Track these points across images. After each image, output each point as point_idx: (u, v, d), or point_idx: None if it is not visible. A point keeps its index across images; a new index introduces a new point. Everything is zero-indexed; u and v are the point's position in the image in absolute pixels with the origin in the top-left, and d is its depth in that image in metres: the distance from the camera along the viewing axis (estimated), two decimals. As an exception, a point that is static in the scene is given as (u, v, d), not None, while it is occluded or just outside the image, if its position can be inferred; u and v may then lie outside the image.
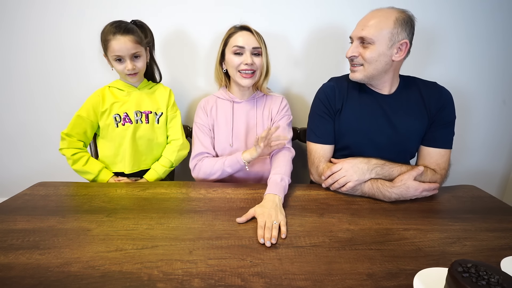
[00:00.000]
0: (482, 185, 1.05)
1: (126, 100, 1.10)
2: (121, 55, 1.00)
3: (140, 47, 1.03)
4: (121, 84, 1.11)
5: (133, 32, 1.01)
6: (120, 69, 1.04)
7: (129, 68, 1.02)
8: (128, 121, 1.09)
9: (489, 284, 0.45)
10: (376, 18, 0.88)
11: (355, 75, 0.95)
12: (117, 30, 0.98)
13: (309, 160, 1.05)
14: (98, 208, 0.84)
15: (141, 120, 1.11)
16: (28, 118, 1.43)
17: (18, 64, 1.35)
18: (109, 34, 0.99)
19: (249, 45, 1.03)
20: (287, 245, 0.68)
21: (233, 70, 1.06)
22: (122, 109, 1.08)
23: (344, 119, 1.00)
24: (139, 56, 1.04)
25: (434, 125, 0.96)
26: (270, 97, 1.17)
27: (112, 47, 0.99)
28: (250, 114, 1.14)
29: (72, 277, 0.57)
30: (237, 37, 1.04)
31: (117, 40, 0.98)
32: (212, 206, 0.85)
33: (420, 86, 0.98)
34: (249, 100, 1.15)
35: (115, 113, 1.08)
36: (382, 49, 0.88)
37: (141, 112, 1.11)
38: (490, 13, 1.31)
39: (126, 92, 1.10)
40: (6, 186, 1.51)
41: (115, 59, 1.02)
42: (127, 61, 1.02)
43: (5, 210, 0.82)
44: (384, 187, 0.89)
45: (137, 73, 1.06)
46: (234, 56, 1.04)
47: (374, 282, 0.57)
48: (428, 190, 0.90)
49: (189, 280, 0.57)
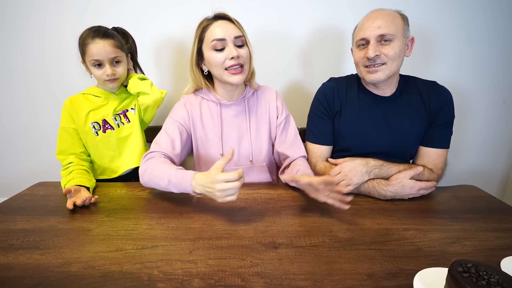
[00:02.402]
0: (482, 185, 1.05)
1: (103, 106, 1.05)
2: (100, 60, 0.96)
3: (120, 52, 1.00)
4: (97, 91, 1.06)
5: (113, 37, 0.98)
6: (98, 75, 0.99)
7: (108, 73, 0.97)
8: (109, 128, 1.05)
9: (489, 284, 0.45)
10: (386, 15, 0.89)
11: (377, 75, 0.90)
12: (96, 34, 0.95)
13: (308, 160, 1.05)
14: (98, 208, 0.84)
15: (122, 122, 1.07)
16: (28, 118, 1.43)
17: (19, 64, 1.35)
18: (87, 38, 0.95)
19: (230, 35, 0.87)
20: (287, 245, 0.68)
21: (219, 69, 0.90)
22: (100, 116, 1.03)
23: (343, 121, 1.00)
24: (119, 62, 1.00)
25: (433, 125, 0.96)
26: (261, 92, 1.04)
27: (90, 51, 0.95)
28: (242, 117, 1.00)
29: (72, 277, 0.57)
30: (213, 29, 0.88)
31: (96, 43, 0.94)
32: (212, 206, 0.85)
33: (419, 86, 0.98)
34: (239, 101, 1.00)
35: (92, 122, 1.02)
36: (401, 45, 0.89)
37: (118, 114, 1.07)
38: (490, 13, 1.31)
39: (103, 98, 1.05)
40: (6, 186, 1.51)
41: (94, 64, 0.97)
42: (106, 66, 0.97)
43: (5, 210, 0.82)
44: (380, 185, 0.89)
45: (117, 79, 1.01)
46: (216, 52, 0.89)
47: (374, 282, 0.57)
48: (425, 188, 0.90)
49: (189, 280, 0.57)
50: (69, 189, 0.84)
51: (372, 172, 0.91)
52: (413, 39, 0.92)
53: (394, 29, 0.87)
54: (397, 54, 0.89)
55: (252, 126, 1.01)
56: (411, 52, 0.94)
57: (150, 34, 1.30)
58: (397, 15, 0.90)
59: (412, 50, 0.94)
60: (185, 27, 1.27)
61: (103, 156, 1.07)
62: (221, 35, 0.87)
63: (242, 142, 1.01)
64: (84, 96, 1.05)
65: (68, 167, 0.97)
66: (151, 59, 1.34)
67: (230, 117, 0.99)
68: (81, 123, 1.01)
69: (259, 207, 0.85)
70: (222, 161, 0.72)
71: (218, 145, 0.99)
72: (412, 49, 0.93)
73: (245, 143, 1.01)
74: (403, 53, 0.91)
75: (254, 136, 1.01)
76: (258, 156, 1.03)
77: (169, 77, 1.38)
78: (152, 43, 1.32)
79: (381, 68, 0.90)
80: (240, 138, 1.00)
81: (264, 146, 1.03)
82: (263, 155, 1.03)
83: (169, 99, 1.26)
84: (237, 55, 0.87)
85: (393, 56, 0.89)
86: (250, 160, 1.02)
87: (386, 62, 0.90)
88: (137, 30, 1.15)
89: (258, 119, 1.02)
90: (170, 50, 1.33)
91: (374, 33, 0.88)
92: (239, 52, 0.88)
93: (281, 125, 1.03)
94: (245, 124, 1.01)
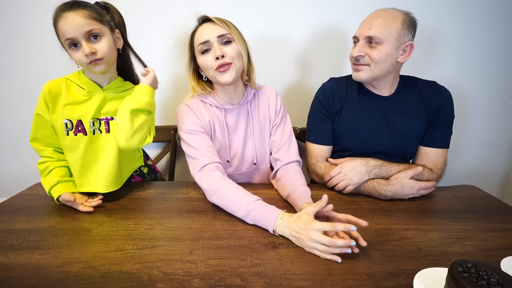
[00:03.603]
0: (482, 185, 1.05)
1: (83, 102, 0.85)
2: (73, 37, 0.76)
3: (97, 24, 0.78)
4: (82, 81, 0.86)
5: (85, 6, 0.78)
6: (78, 58, 0.79)
7: (86, 51, 0.76)
8: (81, 131, 0.84)
9: (489, 284, 0.45)
10: (383, 17, 0.87)
11: (359, 74, 0.92)
12: (65, 7, 0.76)
13: (307, 160, 1.06)
14: (98, 208, 0.84)
15: (99, 130, 0.86)
16: (29, 117, 1.41)
17: (19, 63, 1.34)
18: (56, 14, 0.76)
19: (213, 36, 0.85)
20: (287, 245, 0.68)
21: (210, 71, 0.88)
22: (76, 114, 0.84)
23: (343, 121, 1.00)
24: (98, 36, 0.79)
25: (433, 125, 0.96)
26: (261, 92, 1.02)
27: (61, 29, 0.75)
28: (245, 120, 0.98)
29: (72, 277, 0.57)
30: (198, 34, 0.88)
31: (65, 18, 0.75)
32: (212, 206, 0.85)
33: (419, 86, 0.98)
34: (242, 105, 0.98)
35: (66, 118, 0.83)
36: (390, 50, 0.87)
37: (99, 119, 0.86)
38: (490, 13, 1.31)
39: (86, 91, 0.85)
40: (6, 186, 1.50)
41: (69, 44, 0.77)
42: (82, 44, 0.77)
43: (5, 210, 0.82)
44: (380, 185, 0.89)
45: (101, 59, 0.80)
46: (203, 56, 0.87)
47: (374, 282, 0.57)
48: (425, 188, 0.90)
49: (189, 280, 0.57)
50: (69, 199, 0.81)
51: (372, 172, 0.91)
52: (412, 45, 0.89)
53: (385, 33, 0.86)
54: (382, 58, 0.88)
55: (255, 128, 1.00)
56: (406, 58, 0.91)
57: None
58: (397, 19, 0.87)
59: (409, 56, 0.91)
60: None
61: (70, 163, 0.88)
62: (204, 37, 0.86)
63: (247, 146, 1.00)
64: (66, 84, 0.86)
65: (45, 161, 0.88)
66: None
67: (235, 122, 0.98)
68: (55, 116, 0.85)
69: (259, 207, 0.85)
70: (312, 208, 0.69)
71: (225, 151, 0.98)
72: (409, 55, 0.90)
73: (249, 146, 1.00)
74: (392, 58, 0.89)
75: (258, 138, 1.00)
76: (262, 158, 1.02)
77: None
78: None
79: (363, 68, 0.91)
80: (244, 141, 0.99)
81: (268, 148, 1.02)
82: (267, 157, 1.02)
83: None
84: (221, 54, 0.85)
85: (377, 60, 0.88)
86: (254, 163, 1.01)
87: (369, 64, 0.90)
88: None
89: (260, 121, 1.01)
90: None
91: (363, 33, 0.89)
92: (224, 50, 0.86)
93: (276, 125, 1.00)
94: (249, 127, 0.99)
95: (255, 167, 1.02)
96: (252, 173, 1.02)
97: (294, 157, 0.96)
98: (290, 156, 0.96)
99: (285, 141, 0.98)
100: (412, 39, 0.90)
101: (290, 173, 0.91)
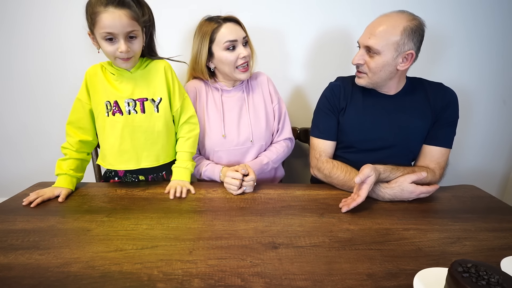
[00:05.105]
0: (482, 185, 1.05)
1: (116, 85, 0.92)
2: (114, 33, 0.80)
3: (137, 26, 0.83)
4: (112, 67, 0.92)
5: (129, 6, 0.81)
6: (110, 51, 0.83)
7: (122, 49, 0.81)
8: (118, 111, 0.91)
9: (489, 284, 0.45)
10: (384, 25, 0.86)
11: (359, 81, 0.96)
12: (109, 2, 0.78)
13: (311, 154, 1.07)
14: (98, 208, 0.84)
15: (135, 110, 0.92)
16: (29, 118, 1.43)
17: (19, 63, 1.34)
18: (98, 6, 0.79)
19: (239, 36, 1.00)
20: (287, 245, 0.68)
21: (230, 67, 1.02)
22: (113, 96, 0.91)
23: (347, 118, 1.01)
24: (135, 37, 0.84)
25: (437, 124, 0.97)
26: (253, 76, 1.15)
27: (102, 21, 0.79)
28: (241, 100, 1.11)
29: (72, 277, 0.57)
30: (225, 32, 0.99)
31: (110, 13, 0.78)
32: (212, 206, 0.85)
33: (426, 86, 0.98)
34: (238, 87, 1.11)
35: (106, 100, 0.91)
36: (387, 60, 0.87)
37: (134, 100, 0.92)
38: (490, 13, 1.31)
39: (116, 76, 0.92)
40: (6, 186, 1.50)
41: (105, 37, 0.81)
42: (120, 41, 0.81)
43: (5, 210, 0.82)
44: (379, 187, 0.89)
45: (131, 58, 0.86)
46: (227, 52, 1.00)
47: (374, 282, 0.57)
48: (426, 193, 0.89)
49: (189, 280, 0.57)
50: (57, 193, 0.89)
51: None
52: (413, 54, 0.87)
53: (383, 42, 0.85)
54: (379, 68, 0.89)
55: (250, 108, 1.11)
56: (407, 66, 0.90)
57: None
58: (398, 28, 0.84)
59: (410, 64, 0.90)
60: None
61: (108, 143, 0.96)
62: (233, 37, 0.99)
63: (241, 123, 1.10)
64: (102, 69, 0.93)
65: (67, 147, 0.95)
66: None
67: (230, 101, 1.10)
68: (97, 98, 0.92)
69: (259, 207, 0.85)
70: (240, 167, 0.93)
71: (220, 127, 1.08)
72: (410, 63, 0.89)
73: (245, 125, 1.09)
74: (390, 66, 0.89)
75: (253, 117, 1.10)
76: (258, 136, 1.11)
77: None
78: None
79: (362, 76, 0.94)
80: (239, 119, 1.09)
81: (262, 126, 1.11)
82: (262, 135, 1.11)
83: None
84: (247, 55, 1.01)
85: (374, 69, 0.89)
86: (250, 140, 1.09)
87: (367, 72, 0.92)
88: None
89: (254, 101, 1.12)
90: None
91: (363, 42, 0.90)
92: (246, 51, 1.01)
93: (276, 110, 1.14)
94: (244, 106, 1.10)
95: (251, 144, 1.10)
96: (249, 150, 1.10)
97: (286, 135, 1.15)
98: (282, 134, 1.16)
99: (279, 123, 1.15)
100: (415, 46, 0.87)
101: (270, 148, 1.13)
